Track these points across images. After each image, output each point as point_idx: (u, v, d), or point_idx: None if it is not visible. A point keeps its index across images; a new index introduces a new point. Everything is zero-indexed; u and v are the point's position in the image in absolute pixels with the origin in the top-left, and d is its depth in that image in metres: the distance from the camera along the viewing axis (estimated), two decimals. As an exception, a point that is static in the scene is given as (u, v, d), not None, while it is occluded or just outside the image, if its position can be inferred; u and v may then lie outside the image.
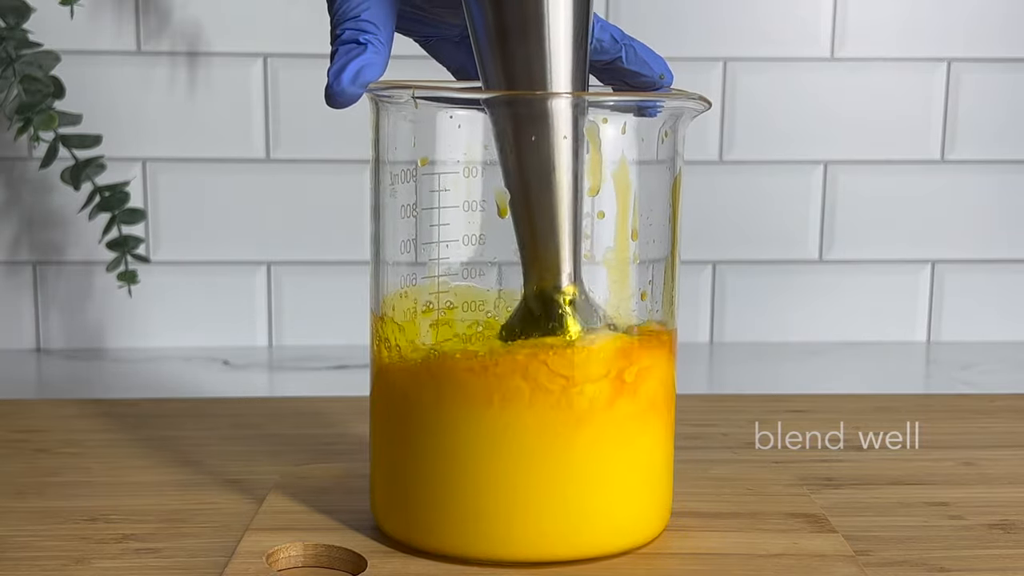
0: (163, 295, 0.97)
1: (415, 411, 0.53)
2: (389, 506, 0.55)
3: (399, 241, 0.54)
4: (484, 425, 0.51)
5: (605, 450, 0.52)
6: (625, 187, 0.52)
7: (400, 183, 0.53)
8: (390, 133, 0.53)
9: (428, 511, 0.53)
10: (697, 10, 0.97)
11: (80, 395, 0.84)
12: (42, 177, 0.94)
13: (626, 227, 0.53)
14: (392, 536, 0.55)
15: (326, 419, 0.76)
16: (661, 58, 0.56)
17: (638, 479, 0.54)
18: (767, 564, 0.53)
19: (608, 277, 0.53)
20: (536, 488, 0.52)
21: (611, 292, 0.53)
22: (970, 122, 1.00)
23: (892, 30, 0.98)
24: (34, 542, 0.56)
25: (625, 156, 0.52)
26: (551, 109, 0.50)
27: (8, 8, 0.84)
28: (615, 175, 0.52)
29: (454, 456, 0.52)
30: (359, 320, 0.99)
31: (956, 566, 0.54)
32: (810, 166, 1.00)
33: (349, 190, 0.97)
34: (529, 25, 0.50)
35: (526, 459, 0.51)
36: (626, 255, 0.53)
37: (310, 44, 0.95)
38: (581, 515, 0.52)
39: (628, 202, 0.52)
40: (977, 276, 1.02)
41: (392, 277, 0.55)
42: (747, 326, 1.01)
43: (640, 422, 0.53)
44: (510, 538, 0.52)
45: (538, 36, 0.50)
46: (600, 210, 0.52)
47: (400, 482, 0.54)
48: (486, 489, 0.52)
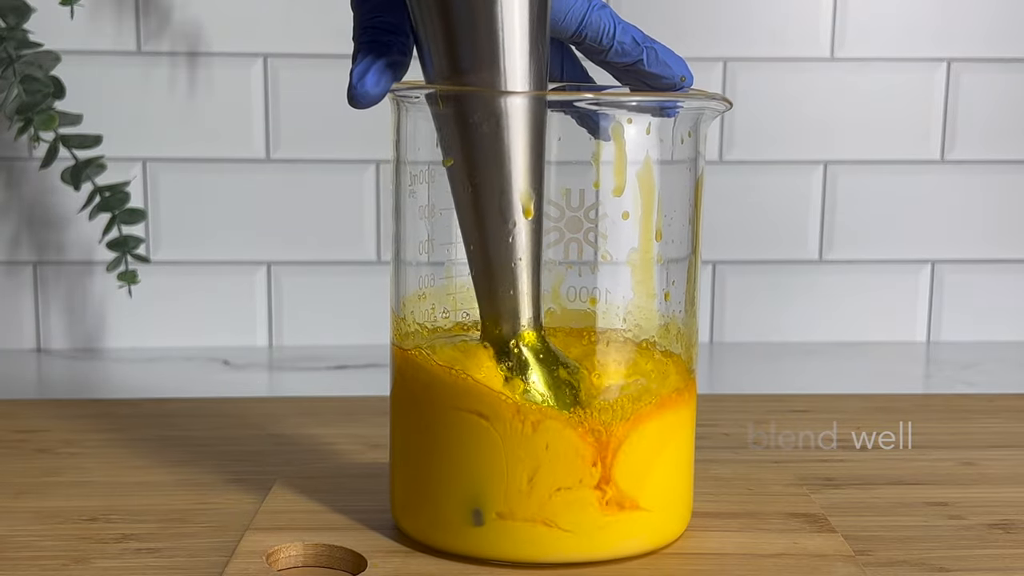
0: (163, 295, 0.97)
1: (433, 412, 0.53)
2: (408, 505, 0.55)
3: (418, 241, 0.54)
4: (502, 431, 0.51)
5: (629, 456, 0.52)
6: (649, 187, 0.52)
7: (420, 183, 0.53)
8: (411, 133, 0.53)
9: (447, 512, 0.53)
10: (697, 10, 0.97)
11: (80, 395, 0.84)
12: (42, 177, 0.94)
13: (650, 227, 0.53)
14: (412, 536, 0.54)
15: (326, 419, 0.76)
16: (682, 60, 0.55)
17: (658, 485, 0.54)
18: (767, 564, 0.53)
19: (632, 278, 0.53)
20: (556, 492, 0.51)
21: (635, 293, 0.53)
22: (970, 122, 1.00)
23: (892, 30, 0.98)
24: (34, 542, 0.56)
25: (649, 156, 0.52)
26: (507, 107, 0.50)
27: (8, 8, 0.84)
28: (639, 175, 0.52)
29: (472, 458, 0.52)
30: (359, 320, 1.00)
31: (956, 566, 0.55)
32: (810, 166, 1.00)
33: (349, 190, 0.97)
34: (478, 18, 0.50)
35: (548, 465, 0.51)
36: (650, 255, 0.53)
37: (310, 44, 0.95)
38: (606, 519, 0.52)
39: (652, 202, 0.52)
40: (977, 276, 1.02)
41: (412, 277, 0.55)
42: (747, 326, 1.01)
43: (666, 433, 0.53)
44: (528, 541, 0.52)
45: (489, 30, 0.50)
46: (624, 210, 0.52)
47: (419, 482, 0.54)
48: (505, 492, 0.51)
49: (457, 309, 0.54)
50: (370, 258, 0.98)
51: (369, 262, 0.98)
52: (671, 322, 0.54)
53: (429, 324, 0.54)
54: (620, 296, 0.53)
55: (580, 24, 0.53)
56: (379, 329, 0.98)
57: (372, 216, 0.98)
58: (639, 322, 0.53)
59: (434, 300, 0.54)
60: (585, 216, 0.52)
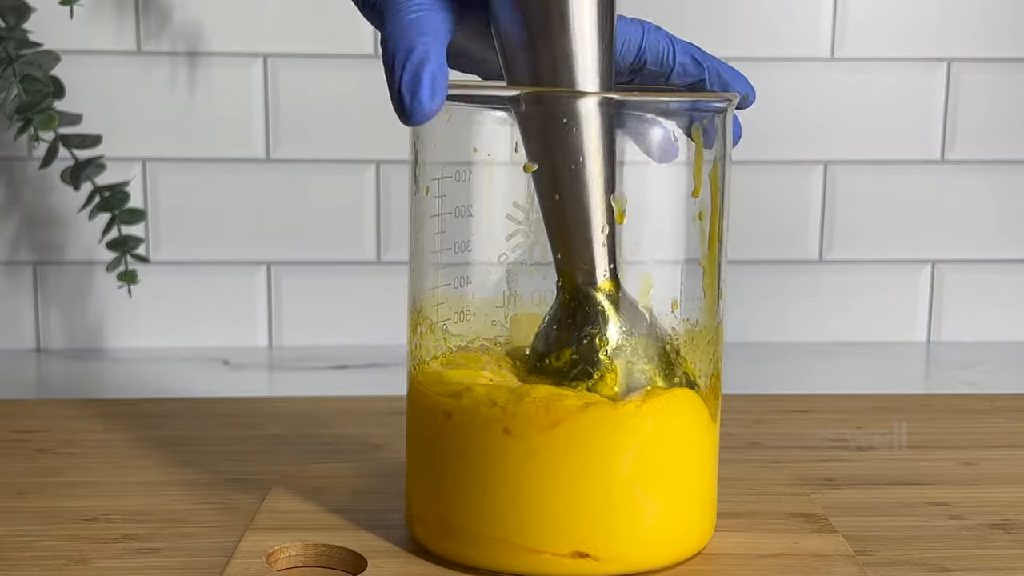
0: (163, 295, 0.97)
1: (449, 417, 0.52)
2: (424, 515, 0.54)
3: (437, 242, 0.54)
4: (519, 440, 0.51)
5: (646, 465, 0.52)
6: (716, 187, 0.53)
7: (439, 183, 0.53)
8: (430, 132, 0.53)
9: (464, 521, 0.52)
10: (698, 10, 0.97)
11: (80, 395, 0.84)
12: (42, 177, 0.94)
13: (715, 228, 0.53)
14: (426, 547, 0.54)
15: (326, 419, 0.76)
16: (743, 76, 0.55)
17: (680, 495, 0.53)
18: (767, 564, 0.53)
19: (703, 281, 0.53)
20: (573, 503, 0.51)
21: (705, 295, 0.53)
22: (970, 122, 1.00)
23: (892, 30, 0.98)
24: (34, 542, 0.56)
25: (717, 155, 0.52)
26: (580, 108, 0.49)
27: (8, 8, 0.84)
28: (710, 176, 0.52)
29: (488, 467, 0.51)
30: (359, 320, 1.00)
31: (956, 566, 0.55)
32: (810, 166, 1.00)
33: (349, 190, 0.97)
34: (554, 25, 0.49)
35: (567, 475, 0.51)
36: (715, 256, 0.54)
37: (310, 44, 0.95)
38: (626, 528, 0.52)
39: (719, 202, 0.53)
40: (977, 276, 1.02)
41: (430, 278, 0.54)
42: (747, 326, 1.01)
43: (681, 443, 0.53)
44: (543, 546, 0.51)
45: (564, 35, 0.49)
46: (700, 211, 0.52)
47: (435, 491, 0.53)
48: (520, 502, 0.51)
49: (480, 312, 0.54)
50: (370, 258, 0.98)
51: (369, 262, 0.98)
52: (718, 323, 0.56)
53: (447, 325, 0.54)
54: (693, 299, 0.54)
55: (639, 50, 0.53)
56: (379, 329, 0.98)
57: (372, 216, 0.98)
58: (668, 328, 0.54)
59: (453, 301, 0.54)
60: None
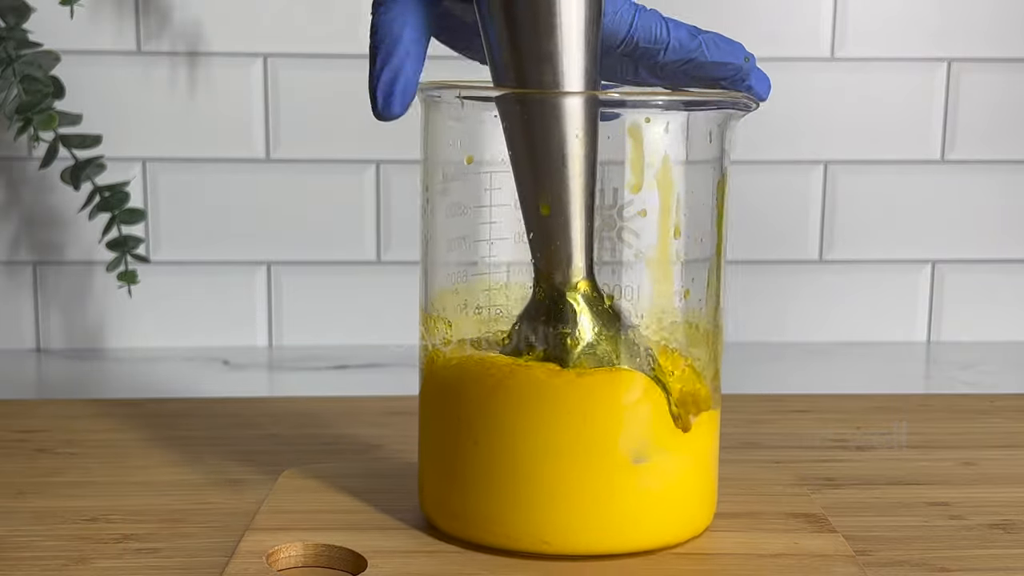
0: (163, 295, 0.97)
1: (464, 407, 0.53)
2: (439, 500, 0.55)
3: (449, 239, 0.54)
4: (534, 421, 0.51)
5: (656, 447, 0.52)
6: (668, 185, 0.52)
7: (450, 181, 0.53)
8: (440, 132, 0.53)
9: (479, 505, 0.53)
10: (696, 10, 0.97)
11: (80, 395, 0.84)
12: (42, 177, 0.94)
13: (668, 225, 0.53)
14: (441, 529, 0.55)
15: (326, 419, 0.76)
16: (738, 43, 0.55)
17: (685, 475, 0.54)
18: (767, 564, 0.53)
19: (650, 276, 0.53)
20: (583, 482, 0.52)
21: (654, 290, 0.53)
22: (970, 122, 1.00)
23: (892, 30, 0.98)
24: (34, 542, 0.56)
25: (668, 155, 0.52)
26: (565, 107, 0.50)
27: (8, 8, 0.84)
28: (658, 174, 0.52)
29: (504, 452, 0.52)
30: (359, 320, 1.00)
31: (956, 566, 0.54)
32: (810, 166, 1.00)
33: (349, 190, 0.97)
34: (540, 23, 0.50)
35: (582, 454, 0.51)
36: (667, 254, 0.53)
37: (310, 44, 0.95)
38: (628, 510, 0.52)
39: (671, 200, 0.52)
40: (977, 276, 1.02)
41: (442, 275, 0.55)
42: (747, 326, 1.01)
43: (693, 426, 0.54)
44: (558, 530, 0.52)
45: (549, 34, 0.50)
46: (642, 208, 0.52)
47: (449, 477, 0.54)
48: (536, 484, 0.52)
49: (491, 306, 0.54)
50: (370, 258, 0.98)
51: (369, 262, 0.98)
52: (697, 320, 0.55)
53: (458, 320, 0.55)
54: (641, 292, 0.53)
55: (629, 27, 0.53)
56: (379, 329, 0.98)
57: (372, 216, 0.98)
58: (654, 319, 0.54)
59: (465, 296, 0.54)
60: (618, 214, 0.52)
